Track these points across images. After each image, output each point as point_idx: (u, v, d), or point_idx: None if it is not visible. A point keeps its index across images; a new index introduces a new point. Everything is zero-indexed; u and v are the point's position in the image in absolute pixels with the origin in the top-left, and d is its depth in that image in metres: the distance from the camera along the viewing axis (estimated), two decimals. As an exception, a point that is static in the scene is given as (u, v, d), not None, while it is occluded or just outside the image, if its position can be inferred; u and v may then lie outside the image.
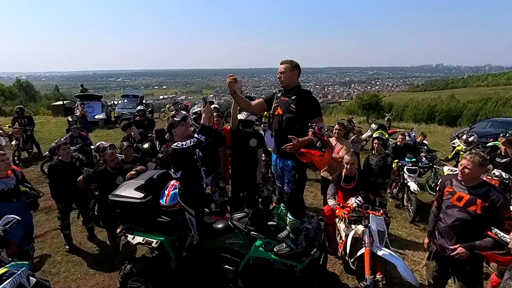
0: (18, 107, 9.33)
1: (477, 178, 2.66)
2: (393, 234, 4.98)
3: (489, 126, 11.06)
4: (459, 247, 2.63)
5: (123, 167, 4.05)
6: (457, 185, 2.75)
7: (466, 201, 2.63)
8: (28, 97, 50.02)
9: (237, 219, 3.17)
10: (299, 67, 2.75)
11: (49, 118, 17.07)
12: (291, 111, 2.64)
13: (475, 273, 2.75)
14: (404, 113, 35.89)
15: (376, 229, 3.10)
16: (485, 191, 2.59)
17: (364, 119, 20.13)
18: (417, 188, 5.60)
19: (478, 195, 2.59)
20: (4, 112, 19.11)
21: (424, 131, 17.42)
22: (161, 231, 3.24)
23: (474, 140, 5.79)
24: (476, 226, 2.61)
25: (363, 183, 3.74)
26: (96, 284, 3.82)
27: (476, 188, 2.63)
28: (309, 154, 2.45)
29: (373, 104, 20.46)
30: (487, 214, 2.54)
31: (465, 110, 33.55)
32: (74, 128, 6.79)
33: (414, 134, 9.52)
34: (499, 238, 2.45)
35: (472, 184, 2.65)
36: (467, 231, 2.65)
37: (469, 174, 2.62)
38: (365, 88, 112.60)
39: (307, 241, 2.95)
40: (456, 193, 2.71)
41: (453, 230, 2.72)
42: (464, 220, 2.65)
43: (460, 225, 2.67)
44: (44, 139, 10.70)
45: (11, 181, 3.57)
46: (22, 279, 2.76)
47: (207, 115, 2.82)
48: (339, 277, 3.82)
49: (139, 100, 15.83)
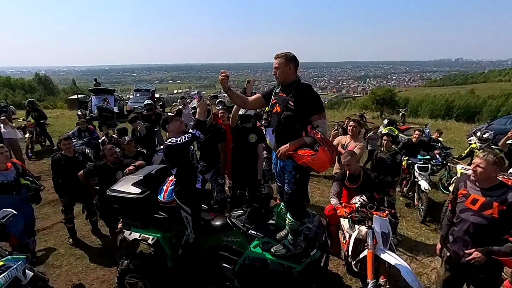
0: (28, 100, 9.47)
1: (492, 178, 2.44)
2: (402, 235, 4.80)
3: (509, 123, 10.56)
4: (475, 251, 2.42)
5: (123, 162, 4.01)
6: (471, 186, 2.53)
7: (481, 204, 2.42)
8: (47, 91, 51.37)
9: (235, 216, 3.07)
10: (296, 59, 2.51)
11: (64, 112, 17.43)
12: (290, 108, 2.43)
13: (491, 282, 2.56)
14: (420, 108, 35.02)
15: (380, 231, 2.93)
16: (502, 193, 2.37)
17: (378, 115, 19.66)
18: (428, 186, 5.36)
19: (494, 198, 2.37)
20: (24, 106, 19.61)
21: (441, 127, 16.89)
22: (158, 228, 3.18)
23: (489, 137, 5.47)
24: (493, 231, 2.41)
25: (368, 182, 3.56)
26: (97, 278, 3.81)
27: (492, 189, 2.42)
28: (297, 155, 2.30)
29: (387, 99, 19.88)
30: (505, 218, 2.33)
31: (485, 106, 32.41)
32: (81, 122, 6.84)
33: (428, 131, 9.20)
34: None
35: (487, 185, 2.44)
36: (483, 237, 2.44)
37: (482, 174, 2.41)
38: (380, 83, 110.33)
39: (307, 242, 2.81)
40: (470, 196, 2.50)
41: (468, 236, 2.51)
42: (480, 225, 2.43)
43: (476, 230, 2.46)
44: (58, 132, 10.88)
45: (11, 174, 3.57)
46: (18, 273, 2.75)
47: (202, 110, 2.70)
48: (342, 278, 3.68)
49: (151, 94, 15.89)
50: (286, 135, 2.47)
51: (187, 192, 2.83)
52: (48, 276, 3.65)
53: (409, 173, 6.14)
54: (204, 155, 4.10)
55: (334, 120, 13.29)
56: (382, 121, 11.85)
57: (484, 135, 5.49)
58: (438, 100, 36.16)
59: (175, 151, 2.64)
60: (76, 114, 9.27)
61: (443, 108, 33.44)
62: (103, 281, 3.77)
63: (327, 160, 2.39)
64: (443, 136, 12.51)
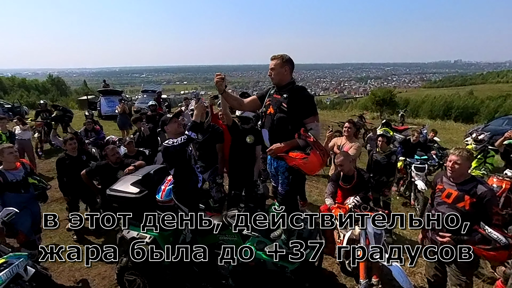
0: (41, 101, 9.55)
1: (466, 173, 2.58)
2: (397, 234, 4.72)
3: (506, 124, 10.40)
4: (448, 235, 2.56)
5: (124, 162, 3.99)
6: (446, 181, 2.67)
7: (454, 197, 2.56)
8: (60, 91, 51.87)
9: (231, 216, 3.03)
10: (292, 61, 2.46)
11: (75, 112, 17.51)
12: (283, 110, 2.37)
13: (465, 266, 2.58)
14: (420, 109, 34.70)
15: (373, 231, 2.87)
16: (472, 186, 2.49)
17: (378, 115, 19.51)
18: (424, 186, 5.28)
19: (466, 191, 2.51)
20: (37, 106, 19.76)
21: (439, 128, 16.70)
22: (156, 226, 3.14)
23: (484, 138, 5.35)
24: (465, 222, 2.51)
25: (362, 182, 3.49)
26: (98, 274, 3.80)
27: (464, 184, 2.54)
28: (289, 157, 2.24)
29: (387, 100, 19.73)
30: (476, 210, 2.46)
31: (483, 107, 31.96)
32: (87, 123, 6.85)
33: (426, 131, 9.07)
34: (487, 233, 2.38)
35: (460, 180, 2.57)
36: (455, 225, 2.54)
37: (459, 169, 2.53)
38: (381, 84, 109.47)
39: (301, 242, 2.77)
40: (445, 190, 2.64)
41: (443, 226, 2.61)
42: (452, 216, 2.55)
43: (450, 221, 2.56)
44: (67, 131, 10.95)
45: (20, 173, 3.60)
46: (19, 270, 2.75)
47: (199, 111, 2.64)
48: (336, 277, 3.62)
49: (157, 95, 15.91)
50: (279, 136, 2.42)
51: (184, 192, 2.80)
52: (52, 272, 3.67)
53: (406, 173, 6.06)
54: (202, 155, 4.06)
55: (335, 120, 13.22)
56: (381, 122, 11.74)
57: (479, 137, 5.37)
58: (437, 101, 35.73)
59: (172, 152, 2.61)
60: (84, 114, 9.30)
61: (442, 109, 33.04)
62: (104, 277, 3.76)
63: (318, 164, 2.35)
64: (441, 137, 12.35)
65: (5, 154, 3.43)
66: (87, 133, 6.68)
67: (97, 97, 16.13)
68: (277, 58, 2.43)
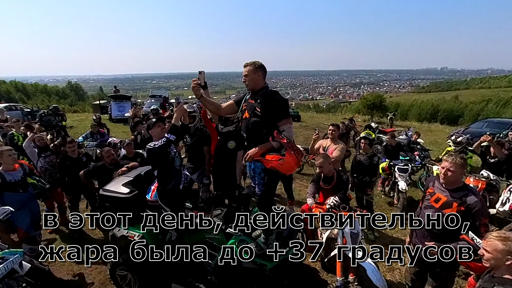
0: (53, 106, 9.51)
1: (459, 180, 2.34)
2: (380, 231, 4.59)
3: (485, 126, 10.24)
4: (432, 244, 2.31)
5: (120, 163, 3.91)
6: (438, 186, 2.44)
7: (442, 203, 2.34)
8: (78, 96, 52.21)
9: (215, 215, 2.94)
10: (264, 67, 2.36)
11: (88, 115, 17.49)
12: (257, 114, 2.28)
13: (446, 276, 2.42)
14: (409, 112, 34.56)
15: (349, 231, 2.75)
16: (463, 195, 2.26)
17: (369, 118, 19.41)
18: (405, 187, 5.15)
19: (456, 198, 2.28)
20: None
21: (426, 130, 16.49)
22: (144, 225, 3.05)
23: (463, 140, 5.23)
24: (449, 228, 2.28)
25: (341, 183, 3.38)
26: (95, 269, 3.71)
27: (455, 191, 2.32)
28: (265, 160, 2.14)
29: (377, 104, 19.64)
30: (462, 218, 2.23)
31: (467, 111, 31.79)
32: (93, 126, 6.79)
33: (411, 133, 8.92)
34: (475, 243, 2.12)
35: (452, 186, 2.34)
36: (440, 232, 2.34)
37: (452, 176, 2.31)
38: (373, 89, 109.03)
39: (280, 241, 2.66)
40: (435, 194, 2.42)
41: (427, 230, 2.42)
42: (438, 223, 2.33)
43: (434, 226, 2.36)
44: (80, 134, 10.90)
45: (18, 174, 3.53)
46: (14, 265, 2.68)
47: (178, 115, 2.53)
48: (319, 272, 3.50)
49: (163, 100, 15.86)
50: (254, 139, 2.32)
51: (166, 193, 2.70)
52: (52, 266, 3.60)
53: (391, 173, 5.93)
54: (191, 157, 3.96)
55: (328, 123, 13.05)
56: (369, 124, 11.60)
57: (458, 139, 5.26)
58: (425, 105, 35.60)
59: (153, 154, 2.51)
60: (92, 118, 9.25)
61: (429, 112, 32.89)
62: (100, 271, 3.67)
63: (294, 163, 2.25)
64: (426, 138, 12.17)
65: (4, 156, 3.37)
66: (93, 135, 6.61)
67: (108, 102, 16.10)
68: (249, 64, 2.34)
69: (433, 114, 32.12)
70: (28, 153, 4.43)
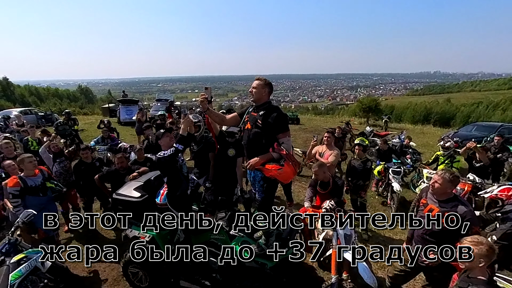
0: (65, 111, 9.63)
1: (448, 192, 2.43)
2: (373, 230, 4.69)
3: (474, 130, 10.30)
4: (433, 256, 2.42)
5: (131, 168, 4.02)
6: (430, 197, 2.56)
7: (435, 214, 2.44)
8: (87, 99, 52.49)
9: (219, 218, 3.05)
10: (271, 86, 2.52)
11: (98, 118, 17.64)
12: (258, 126, 2.40)
13: (441, 278, 2.53)
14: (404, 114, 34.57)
15: (343, 233, 2.86)
16: (454, 205, 2.36)
17: (365, 121, 19.48)
18: (399, 188, 5.25)
19: (447, 209, 2.38)
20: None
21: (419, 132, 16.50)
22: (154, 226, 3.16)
23: (451, 145, 5.32)
24: (444, 238, 2.40)
25: (336, 188, 3.48)
26: (108, 266, 3.82)
27: (446, 202, 2.42)
28: (265, 169, 2.25)
29: (372, 107, 19.69)
30: (455, 227, 2.32)
31: (458, 113, 31.79)
32: (104, 130, 6.87)
33: (403, 137, 9.00)
34: None
35: (442, 198, 2.44)
36: (437, 240, 2.45)
37: (438, 189, 2.43)
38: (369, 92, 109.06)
39: (280, 242, 2.77)
40: (428, 205, 2.53)
41: (424, 239, 2.53)
42: (433, 231, 2.45)
43: (430, 235, 2.48)
44: (90, 137, 11.02)
45: (39, 179, 3.64)
46: (37, 263, 2.79)
47: (185, 126, 2.63)
48: (316, 270, 3.61)
49: (168, 104, 15.96)
50: (255, 149, 2.44)
51: (175, 198, 2.80)
52: (68, 264, 3.71)
53: (385, 175, 6.03)
54: (197, 163, 4.07)
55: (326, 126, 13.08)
56: (364, 128, 11.68)
57: (446, 144, 5.34)
58: (418, 107, 35.64)
59: (163, 163, 2.62)
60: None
61: (422, 114, 32.92)
62: (113, 268, 3.78)
63: (291, 173, 2.39)
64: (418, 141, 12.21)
65: (25, 162, 3.48)
66: (104, 140, 6.70)
67: (117, 106, 16.24)
68: (261, 80, 2.48)
69: (426, 116, 32.16)
70: (44, 158, 4.56)
